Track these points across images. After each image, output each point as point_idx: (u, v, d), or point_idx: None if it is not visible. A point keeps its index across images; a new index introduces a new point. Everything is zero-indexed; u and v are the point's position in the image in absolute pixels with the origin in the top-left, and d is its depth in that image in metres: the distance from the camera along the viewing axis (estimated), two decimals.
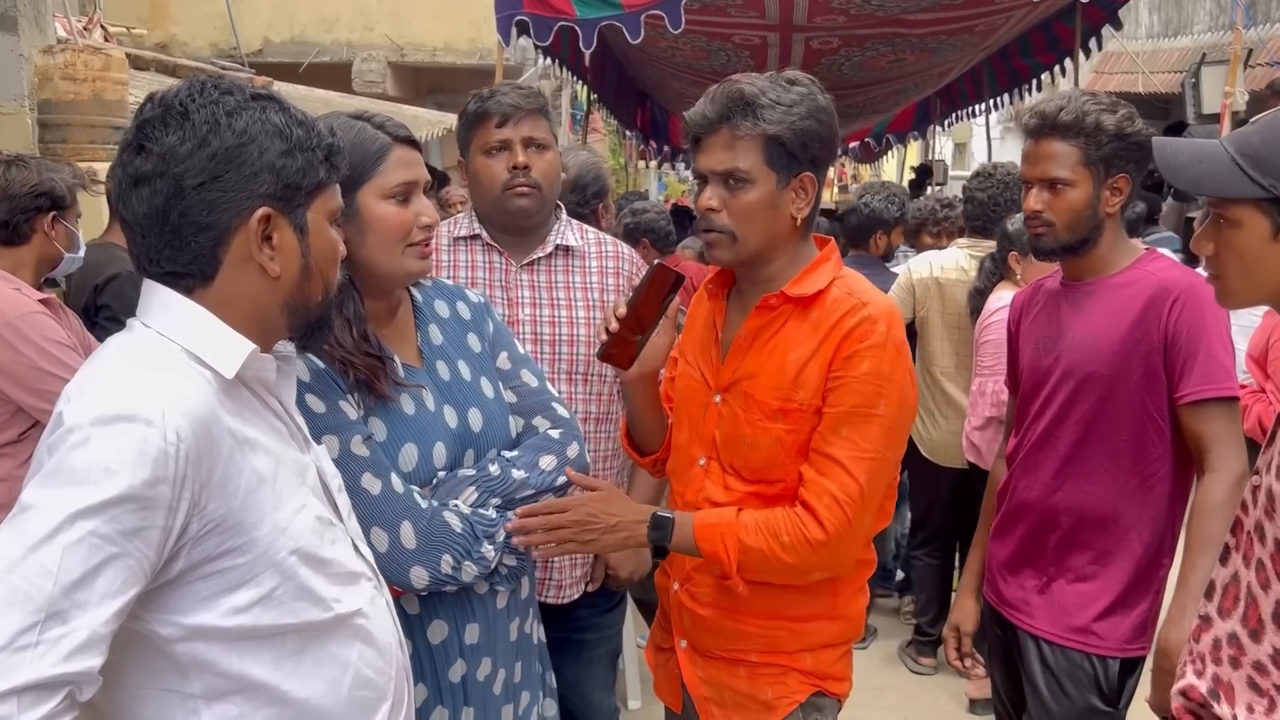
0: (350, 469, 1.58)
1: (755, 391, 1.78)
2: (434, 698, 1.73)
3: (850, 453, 1.71)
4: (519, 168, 2.26)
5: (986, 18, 6.39)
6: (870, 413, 1.71)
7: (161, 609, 1.18)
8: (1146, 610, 2.17)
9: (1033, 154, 2.18)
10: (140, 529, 1.11)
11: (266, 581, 1.23)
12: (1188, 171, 1.49)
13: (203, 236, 1.24)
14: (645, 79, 8.85)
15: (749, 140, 1.71)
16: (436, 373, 1.79)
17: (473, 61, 11.27)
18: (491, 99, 2.28)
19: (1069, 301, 2.23)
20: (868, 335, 1.71)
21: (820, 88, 1.77)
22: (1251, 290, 1.49)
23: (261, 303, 1.29)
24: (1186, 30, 11.73)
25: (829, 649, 1.87)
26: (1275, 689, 1.43)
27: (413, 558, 1.62)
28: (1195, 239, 1.53)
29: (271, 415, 1.33)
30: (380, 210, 1.69)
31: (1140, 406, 2.10)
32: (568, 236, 2.41)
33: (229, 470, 1.20)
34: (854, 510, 1.71)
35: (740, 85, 1.73)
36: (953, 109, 9.96)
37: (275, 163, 1.25)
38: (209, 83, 1.27)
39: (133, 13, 9.81)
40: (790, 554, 1.70)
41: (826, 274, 1.79)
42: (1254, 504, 1.52)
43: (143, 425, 1.12)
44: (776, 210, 1.75)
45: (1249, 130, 1.47)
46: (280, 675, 1.25)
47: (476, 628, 1.75)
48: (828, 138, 1.75)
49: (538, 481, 1.78)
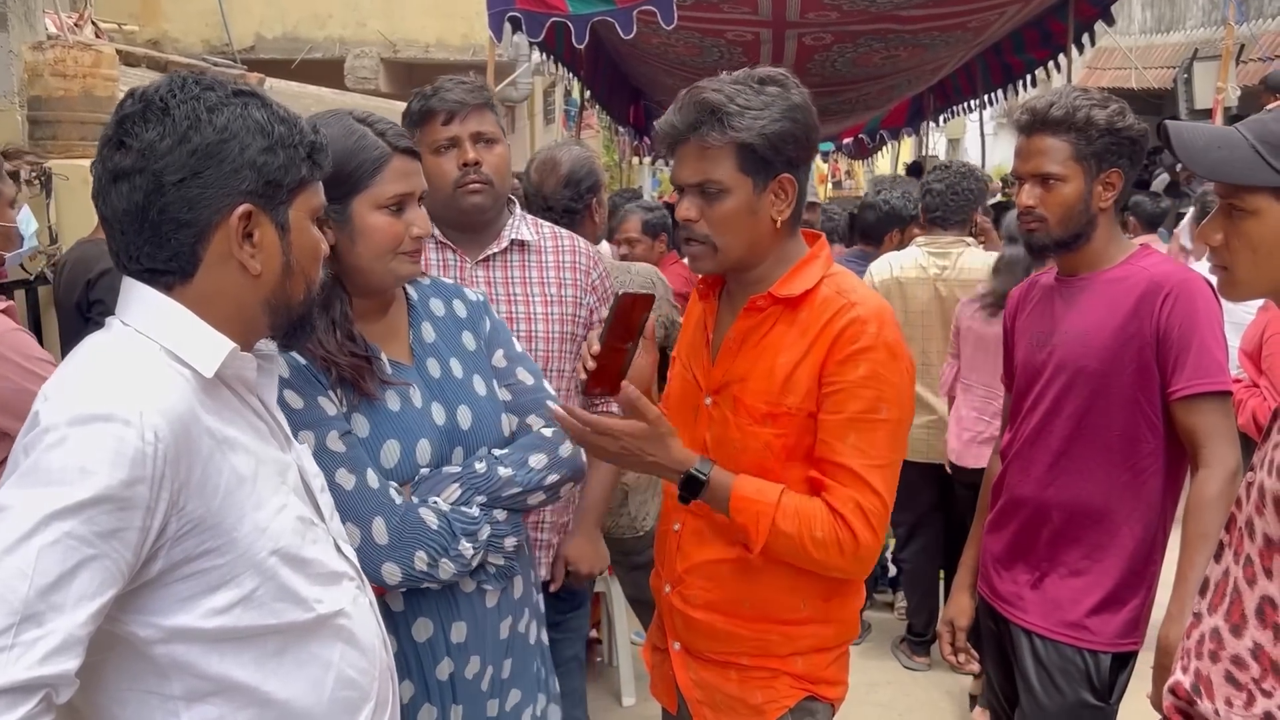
0: (325, 465, 1.58)
1: (744, 395, 1.76)
2: (421, 695, 1.72)
3: (863, 462, 1.69)
4: (469, 164, 2.23)
5: (980, 14, 6.40)
6: (874, 418, 1.69)
7: (140, 610, 1.17)
8: (1139, 605, 2.17)
9: (1025, 150, 2.18)
10: (117, 530, 1.10)
11: (247, 582, 1.22)
12: (1206, 156, 1.45)
13: (183, 233, 1.23)
14: (638, 75, 8.84)
15: (720, 149, 1.68)
16: (426, 370, 1.79)
17: (466, 58, 11.23)
18: (435, 96, 2.24)
19: (1063, 297, 2.23)
20: (858, 337, 1.69)
21: (795, 84, 1.73)
22: (1261, 281, 1.47)
23: (242, 301, 1.28)
24: (1179, 26, 11.76)
25: (821, 652, 1.84)
26: (1254, 683, 1.43)
27: (385, 554, 1.62)
28: (1202, 228, 1.50)
29: (252, 414, 1.32)
30: (373, 220, 1.69)
31: (1132, 402, 2.10)
32: (522, 231, 2.38)
33: (208, 470, 1.19)
34: (880, 524, 1.70)
35: (705, 94, 1.68)
36: (946, 105, 9.99)
37: (256, 159, 1.24)
38: (190, 78, 1.26)
39: (124, 9, 9.77)
40: (819, 550, 1.69)
41: (815, 273, 1.77)
42: (1247, 500, 1.51)
43: (120, 425, 1.11)
44: (755, 216, 1.72)
45: (1267, 118, 1.44)
46: (261, 676, 1.24)
47: (464, 626, 1.74)
48: (803, 136, 1.71)
49: (525, 480, 1.77)
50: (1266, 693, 1.42)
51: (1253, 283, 1.48)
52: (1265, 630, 1.43)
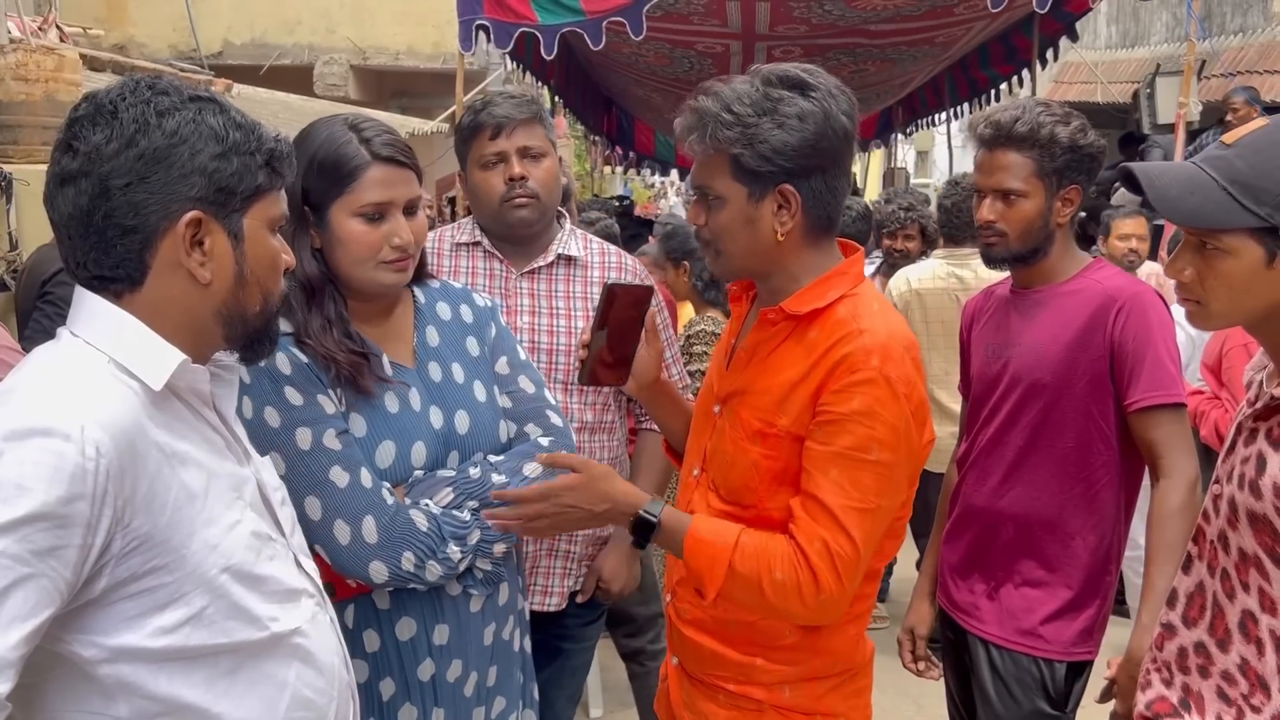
0: (321, 461, 1.60)
1: (742, 409, 1.68)
2: (402, 694, 1.72)
3: (842, 501, 1.55)
4: (515, 179, 2.26)
5: (946, 29, 6.47)
6: (863, 458, 1.55)
7: (83, 630, 1.14)
8: (1094, 615, 2.19)
9: (987, 164, 2.19)
10: (55, 548, 1.07)
11: (196, 600, 1.19)
12: (1183, 204, 1.44)
13: (129, 240, 1.20)
14: (610, 85, 8.86)
15: (714, 157, 1.62)
16: (427, 373, 1.80)
17: (436, 65, 11.21)
18: (484, 111, 2.28)
19: (1018, 309, 2.25)
20: (856, 368, 1.56)
21: (818, 85, 1.60)
22: (1235, 314, 1.48)
23: (193, 311, 1.25)
24: (1144, 41, 11.92)
25: (813, 682, 1.71)
26: (1243, 698, 1.45)
27: (373, 552, 1.63)
28: (1170, 264, 1.50)
29: (206, 427, 1.29)
30: (350, 227, 1.69)
31: (1086, 414, 2.13)
32: (570, 246, 2.40)
33: (156, 485, 1.16)
34: (848, 573, 1.56)
35: (699, 101, 1.61)
36: (914, 118, 10.08)
37: (208, 165, 1.21)
38: (144, 82, 1.24)
39: (90, 13, 9.68)
40: (776, 594, 1.56)
41: (834, 290, 1.65)
42: (1216, 513, 1.52)
43: (59, 440, 1.08)
44: (753, 225, 1.62)
45: (1230, 155, 1.43)
46: (212, 697, 1.21)
47: (446, 629, 1.74)
48: (809, 147, 1.57)
49: (518, 487, 1.77)
50: (1255, 708, 1.43)
51: (1227, 315, 1.49)
52: (1249, 645, 1.45)
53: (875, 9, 5.96)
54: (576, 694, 2.59)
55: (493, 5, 5.26)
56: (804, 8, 6.00)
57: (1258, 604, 1.44)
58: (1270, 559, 1.42)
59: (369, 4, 11.27)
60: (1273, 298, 1.44)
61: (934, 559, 2.43)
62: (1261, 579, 1.44)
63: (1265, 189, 1.38)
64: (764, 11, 6.08)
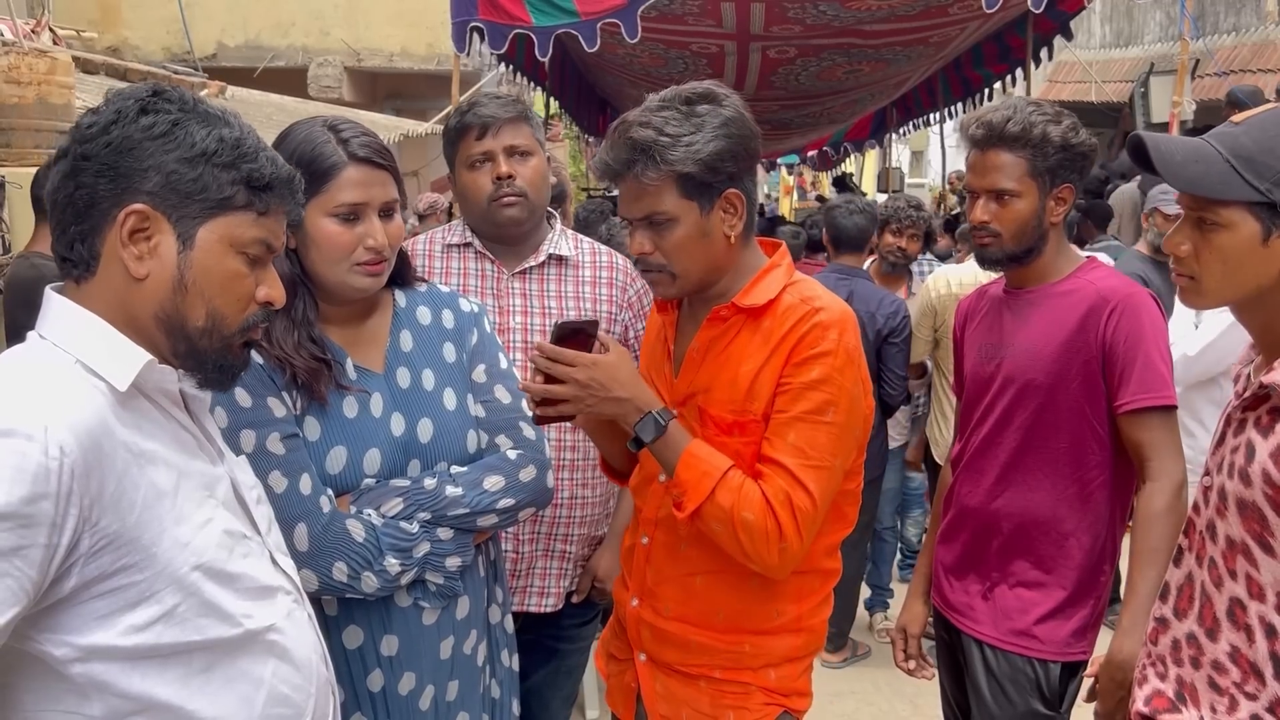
0: (261, 465, 1.57)
1: (709, 406, 1.75)
2: (352, 703, 1.71)
3: (799, 461, 1.66)
4: (503, 178, 2.26)
5: (941, 29, 6.48)
6: (819, 420, 1.68)
7: (53, 629, 1.14)
8: (1088, 615, 2.19)
9: (979, 165, 2.19)
10: (19, 547, 1.07)
11: (168, 598, 1.19)
12: (1185, 170, 1.47)
13: (83, 223, 1.23)
14: (604, 86, 8.87)
15: (659, 182, 1.66)
16: (394, 379, 1.78)
17: (430, 67, 11.22)
18: (470, 111, 2.28)
19: (1011, 309, 2.25)
20: (819, 341, 1.68)
21: (725, 94, 1.70)
22: (1227, 291, 1.50)
23: (131, 308, 1.24)
24: (1137, 40, 11.95)
25: (793, 663, 1.83)
26: (1235, 687, 1.45)
27: (302, 560, 1.60)
28: (1169, 238, 1.53)
29: (177, 426, 1.29)
30: (323, 227, 1.69)
31: (1079, 414, 2.13)
32: (561, 246, 2.40)
33: (124, 484, 1.16)
34: (806, 526, 1.67)
35: (634, 131, 1.66)
36: (909, 118, 10.10)
37: (169, 165, 1.22)
38: (159, 87, 1.28)
39: (84, 15, 9.68)
40: (744, 532, 1.65)
41: (777, 281, 1.76)
42: (1206, 504, 1.54)
43: (22, 440, 1.08)
44: (708, 237, 1.71)
45: (1237, 131, 1.46)
46: (187, 694, 1.22)
47: (395, 640, 1.73)
48: (741, 149, 1.69)
49: (474, 501, 1.75)
50: (1250, 695, 1.44)
51: (1219, 292, 1.51)
52: (1239, 632, 1.46)
53: (870, 9, 5.97)
54: (572, 695, 2.58)
55: (487, 7, 5.26)
56: (799, 8, 6.01)
57: (1245, 591, 1.45)
58: (1259, 545, 1.43)
59: (363, 6, 11.27)
60: (1264, 278, 1.46)
61: (928, 559, 2.44)
62: (1249, 566, 1.45)
63: (1266, 164, 1.41)
64: (759, 12, 6.09)
